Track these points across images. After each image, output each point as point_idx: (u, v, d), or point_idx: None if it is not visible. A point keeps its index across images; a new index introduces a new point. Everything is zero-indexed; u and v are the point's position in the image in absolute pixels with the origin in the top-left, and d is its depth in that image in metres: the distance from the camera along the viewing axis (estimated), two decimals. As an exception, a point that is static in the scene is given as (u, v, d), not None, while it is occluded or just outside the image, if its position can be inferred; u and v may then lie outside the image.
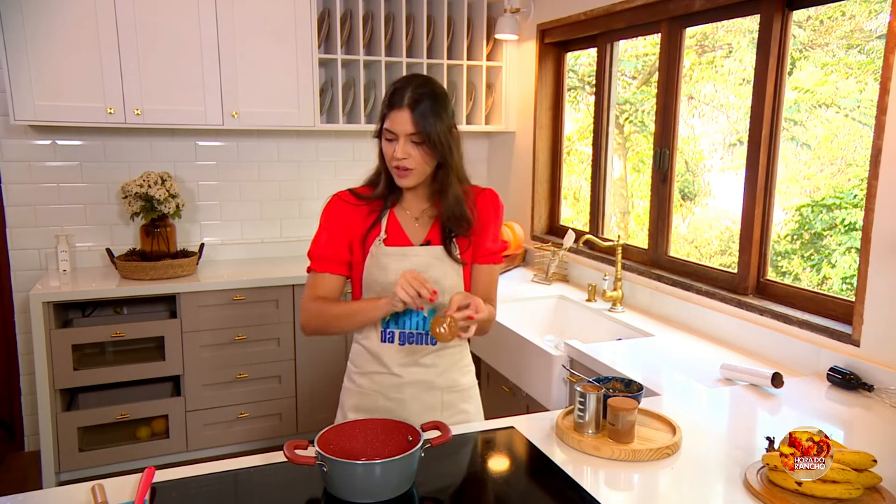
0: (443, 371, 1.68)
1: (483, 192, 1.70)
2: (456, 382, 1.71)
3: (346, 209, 1.65)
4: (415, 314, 1.63)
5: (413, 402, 1.66)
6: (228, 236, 3.68)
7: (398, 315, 1.63)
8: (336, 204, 1.67)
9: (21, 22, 2.85)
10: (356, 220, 1.64)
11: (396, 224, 1.65)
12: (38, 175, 3.30)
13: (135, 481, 1.32)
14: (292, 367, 3.36)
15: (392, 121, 1.54)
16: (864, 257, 1.94)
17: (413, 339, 1.64)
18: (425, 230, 1.65)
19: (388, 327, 1.64)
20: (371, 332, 1.66)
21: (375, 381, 1.67)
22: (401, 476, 1.26)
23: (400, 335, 1.64)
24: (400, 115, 1.53)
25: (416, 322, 1.64)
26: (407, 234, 1.64)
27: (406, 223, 1.65)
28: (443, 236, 1.64)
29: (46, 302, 2.91)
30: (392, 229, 1.64)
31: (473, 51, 3.71)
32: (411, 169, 1.56)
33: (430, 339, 1.64)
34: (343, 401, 1.75)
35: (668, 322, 2.64)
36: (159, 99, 3.10)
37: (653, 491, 1.34)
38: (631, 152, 3.59)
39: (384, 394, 1.66)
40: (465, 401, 1.74)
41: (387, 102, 1.55)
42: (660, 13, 2.70)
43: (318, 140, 3.76)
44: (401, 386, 1.66)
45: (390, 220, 1.65)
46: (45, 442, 2.98)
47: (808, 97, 2.52)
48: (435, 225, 1.66)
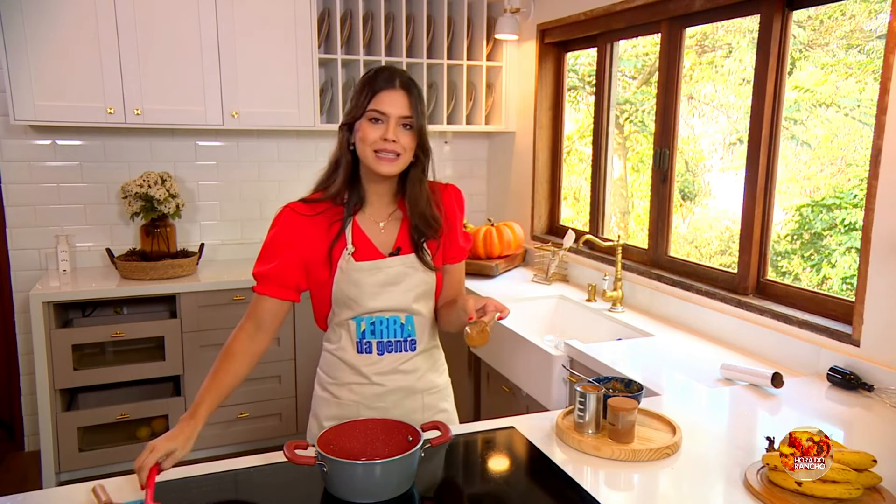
0: (422, 375, 1.63)
1: (446, 187, 1.63)
2: (434, 383, 1.66)
3: (301, 224, 1.51)
4: (391, 321, 1.57)
5: (395, 408, 1.61)
6: (228, 236, 3.68)
7: (374, 325, 1.56)
8: (289, 218, 1.51)
9: (21, 22, 2.85)
10: (316, 236, 1.51)
11: (361, 233, 1.54)
12: (38, 175, 3.30)
13: (135, 481, 1.32)
14: (292, 367, 3.36)
15: (382, 101, 1.44)
16: (864, 257, 1.94)
17: (392, 347, 1.58)
18: (392, 236, 1.56)
19: (365, 337, 1.56)
20: (346, 343, 1.58)
21: (355, 391, 1.60)
22: (401, 476, 1.26)
23: (378, 345, 1.57)
24: (393, 95, 1.44)
25: (393, 330, 1.57)
26: (374, 244, 1.54)
27: (371, 231, 1.55)
28: (412, 241, 1.56)
29: (46, 302, 2.91)
30: (358, 240, 1.53)
31: (473, 51, 3.71)
32: (399, 154, 1.46)
33: (408, 346, 1.59)
34: (317, 411, 1.66)
35: (668, 322, 2.64)
36: (159, 99, 3.10)
37: (653, 491, 1.34)
38: (631, 152, 3.59)
39: (366, 404, 1.60)
40: (444, 400, 1.71)
41: (370, 84, 1.45)
42: (660, 13, 2.69)
43: (318, 140, 3.76)
44: (383, 394, 1.60)
45: (354, 229, 1.53)
46: (45, 442, 2.98)
47: (808, 96, 2.52)
48: (402, 229, 1.57)
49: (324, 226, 1.52)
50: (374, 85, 1.46)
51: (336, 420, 1.58)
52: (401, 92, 1.45)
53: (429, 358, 1.65)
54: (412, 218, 1.55)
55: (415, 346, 1.60)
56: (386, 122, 1.45)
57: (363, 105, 1.46)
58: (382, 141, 1.45)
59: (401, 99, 1.45)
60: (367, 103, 1.45)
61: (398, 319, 1.57)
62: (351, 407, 1.61)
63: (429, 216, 1.55)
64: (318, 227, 1.52)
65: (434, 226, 1.56)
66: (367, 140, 1.46)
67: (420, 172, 1.54)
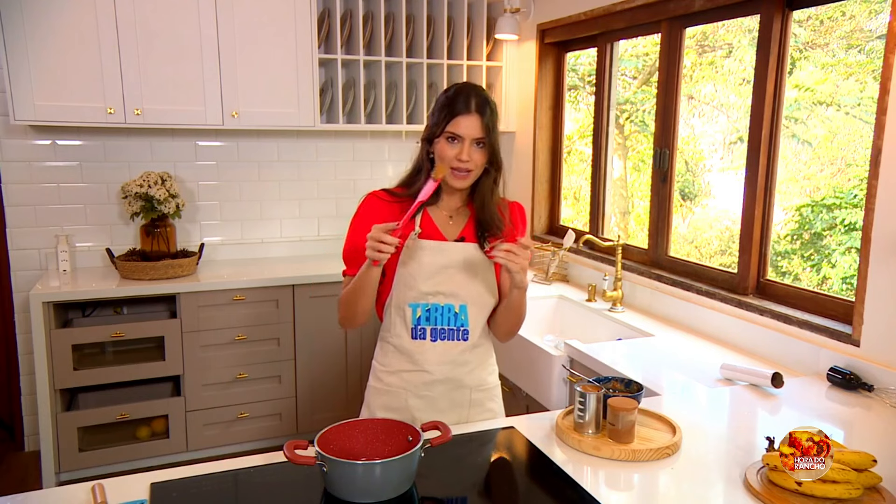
0: (472, 369, 1.70)
1: (513, 203, 1.76)
2: (483, 381, 1.74)
3: (381, 207, 1.67)
4: (446, 309, 1.65)
5: (442, 399, 1.69)
6: (228, 236, 3.68)
7: (430, 312, 1.65)
8: (371, 202, 1.69)
9: (21, 22, 2.85)
10: (391, 217, 1.64)
11: (430, 221, 1.68)
12: (38, 175, 3.30)
13: (135, 481, 1.32)
14: (292, 367, 3.36)
15: (459, 124, 1.58)
16: (864, 257, 1.94)
17: (445, 334, 1.66)
18: (459, 228, 1.69)
19: (419, 324, 1.65)
20: (401, 330, 1.67)
21: (405, 378, 1.68)
22: (401, 476, 1.26)
23: (431, 332, 1.66)
24: (469, 119, 1.58)
25: (447, 318, 1.66)
26: (441, 231, 1.68)
27: (440, 221, 1.69)
28: (476, 234, 1.68)
29: (46, 302, 2.91)
30: (426, 225, 1.67)
31: (473, 51, 3.71)
32: (471, 171, 1.61)
33: (461, 335, 1.67)
34: (370, 400, 1.75)
35: (668, 322, 2.64)
36: (159, 99, 3.10)
37: (653, 491, 1.34)
38: (631, 152, 3.59)
39: (414, 392, 1.68)
40: (492, 399, 1.78)
41: (450, 107, 1.59)
42: (660, 13, 2.70)
43: (318, 140, 3.76)
44: (432, 383, 1.67)
45: (424, 217, 1.68)
46: (45, 442, 2.98)
47: (809, 95, 2.52)
48: (469, 223, 1.70)
49: (398, 211, 1.64)
50: (452, 108, 1.60)
51: (387, 409, 1.69)
52: (476, 116, 1.59)
53: (481, 354, 1.73)
54: (479, 213, 1.68)
55: (467, 335, 1.67)
56: (461, 143, 1.59)
57: (442, 125, 1.61)
58: (457, 160, 1.59)
59: (475, 122, 1.59)
60: (445, 125, 1.60)
61: (452, 308, 1.65)
62: (400, 395, 1.69)
63: (495, 217, 1.68)
64: (395, 212, 1.64)
65: (499, 225, 1.68)
66: (444, 157, 1.60)
67: (491, 182, 1.68)
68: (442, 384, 1.68)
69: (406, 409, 1.68)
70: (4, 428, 3.48)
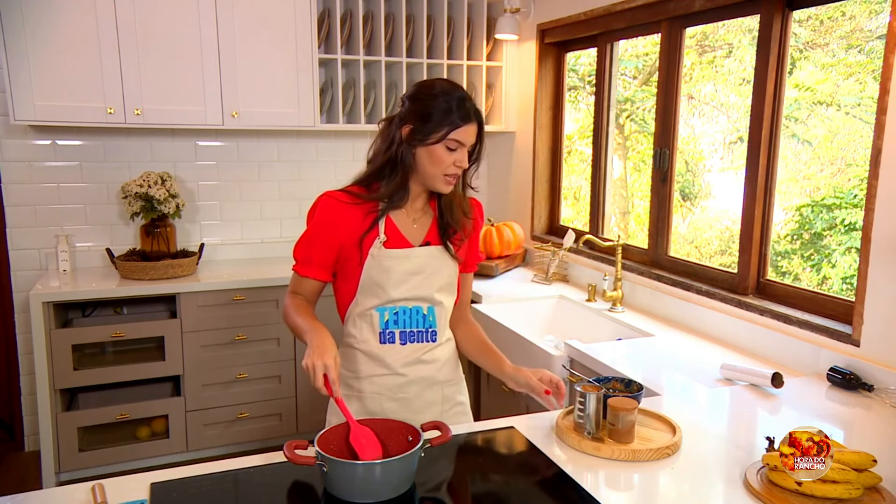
0: (441, 366, 1.71)
1: (473, 200, 1.75)
2: (452, 375, 1.76)
3: (340, 209, 1.59)
4: (414, 311, 1.65)
5: (416, 399, 1.68)
6: (228, 236, 3.68)
7: (398, 315, 1.64)
8: (328, 204, 1.61)
9: (21, 22, 2.85)
10: (352, 221, 1.60)
11: (393, 226, 1.63)
12: (38, 175, 3.30)
13: (135, 481, 1.32)
14: (292, 367, 3.36)
15: (465, 133, 1.56)
16: (864, 257, 1.94)
17: (414, 336, 1.66)
18: (423, 231, 1.66)
19: (388, 328, 1.64)
20: (369, 335, 1.64)
21: (377, 383, 1.66)
22: (401, 476, 1.26)
23: (400, 335, 1.65)
24: (471, 128, 1.57)
25: (416, 320, 1.65)
26: (405, 236, 1.64)
27: (404, 226, 1.64)
28: (440, 236, 1.67)
29: (46, 302, 2.91)
30: (390, 231, 1.62)
31: (473, 51, 3.71)
32: (459, 175, 1.61)
33: (429, 336, 1.67)
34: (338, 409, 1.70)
35: (668, 322, 2.64)
36: (159, 99, 3.10)
37: (653, 491, 1.34)
38: (631, 152, 3.59)
39: (388, 395, 1.66)
40: (461, 392, 1.80)
41: (454, 114, 1.54)
42: (660, 13, 2.69)
43: (318, 140, 3.76)
44: (405, 385, 1.66)
45: (387, 222, 1.62)
46: (44, 442, 2.98)
47: (809, 95, 2.52)
48: (433, 226, 1.68)
49: (360, 215, 1.61)
50: (457, 116, 1.55)
51: (361, 415, 1.65)
52: (475, 124, 1.58)
53: (447, 350, 1.73)
54: (444, 214, 1.67)
55: (435, 336, 1.68)
56: (460, 150, 1.57)
57: (444, 133, 1.55)
58: (454, 167, 1.57)
59: (474, 130, 1.59)
60: (449, 133, 1.55)
61: (420, 310, 1.66)
62: (373, 399, 1.67)
63: (459, 216, 1.67)
64: (354, 215, 1.60)
65: (463, 225, 1.68)
66: (441, 164, 1.56)
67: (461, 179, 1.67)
68: (416, 384, 1.67)
69: (381, 413, 1.65)
70: (4, 428, 3.48)
